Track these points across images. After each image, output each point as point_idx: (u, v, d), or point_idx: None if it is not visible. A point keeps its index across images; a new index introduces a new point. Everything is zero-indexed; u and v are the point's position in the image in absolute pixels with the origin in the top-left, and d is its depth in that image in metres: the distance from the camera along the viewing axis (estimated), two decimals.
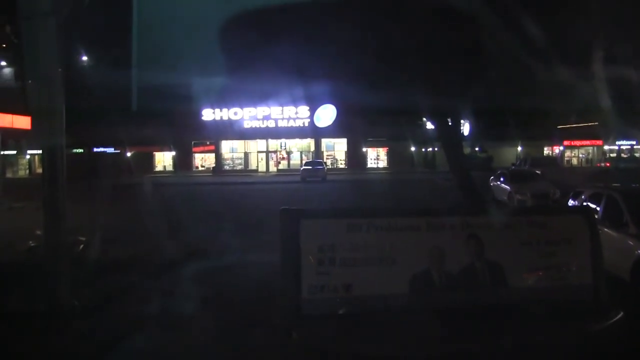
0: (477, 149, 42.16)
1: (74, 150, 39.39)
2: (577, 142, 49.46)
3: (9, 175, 38.62)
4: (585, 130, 43.31)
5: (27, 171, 47.42)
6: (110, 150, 44.88)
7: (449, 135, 14.46)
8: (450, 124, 14.42)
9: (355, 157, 46.40)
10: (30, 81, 6.46)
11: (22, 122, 20.12)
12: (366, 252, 2.67)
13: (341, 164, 46.95)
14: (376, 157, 48.86)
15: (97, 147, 43.61)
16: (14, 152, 43.25)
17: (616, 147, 50.75)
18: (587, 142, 49.82)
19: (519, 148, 45.43)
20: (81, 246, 8.30)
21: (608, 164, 44.13)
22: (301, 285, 2.57)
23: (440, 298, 2.72)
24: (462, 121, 26.49)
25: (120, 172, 36.85)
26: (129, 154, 44.44)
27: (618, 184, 9.92)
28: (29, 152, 45.16)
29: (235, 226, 10.96)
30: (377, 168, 47.29)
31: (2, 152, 24.02)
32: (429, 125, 39.25)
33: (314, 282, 2.58)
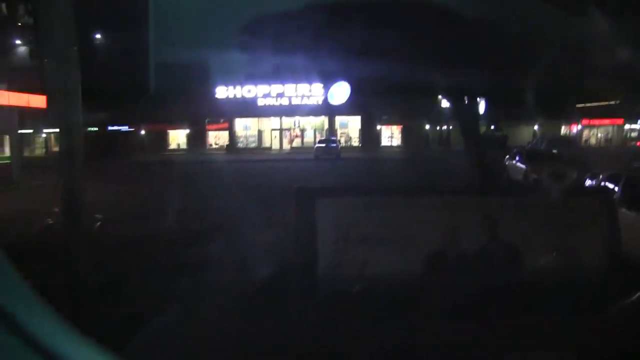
0: (492, 127, 41.67)
1: (89, 129, 39.77)
2: (596, 121, 48.30)
3: (26, 154, 39.07)
4: (605, 109, 42.29)
5: (44, 150, 47.96)
6: (125, 128, 45.20)
7: (465, 114, 14.29)
8: (466, 102, 14.23)
9: (369, 135, 46.10)
10: (45, 60, 6.49)
11: (38, 101, 20.34)
12: (382, 230, 2.66)
13: (355, 142, 46.77)
14: (390, 135, 48.57)
15: (112, 125, 43.94)
16: (31, 130, 43.72)
17: (638, 126, 49.62)
18: (607, 121, 48.70)
19: (536, 127, 44.77)
20: (98, 224, 8.42)
21: (639, 143, 42.83)
22: (317, 264, 2.58)
23: (454, 278, 2.71)
24: (478, 99, 26.12)
25: (135, 150, 37.18)
26: (143, 132, 44.73)
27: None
28: (45, 130, 45.63)
29: (252, 204, 10.99)
30: (391, 146, 47.01)
31: (19, 131, 24.28)
32: (444, 104, 38.83)
33: (329, 260, 2.59)
